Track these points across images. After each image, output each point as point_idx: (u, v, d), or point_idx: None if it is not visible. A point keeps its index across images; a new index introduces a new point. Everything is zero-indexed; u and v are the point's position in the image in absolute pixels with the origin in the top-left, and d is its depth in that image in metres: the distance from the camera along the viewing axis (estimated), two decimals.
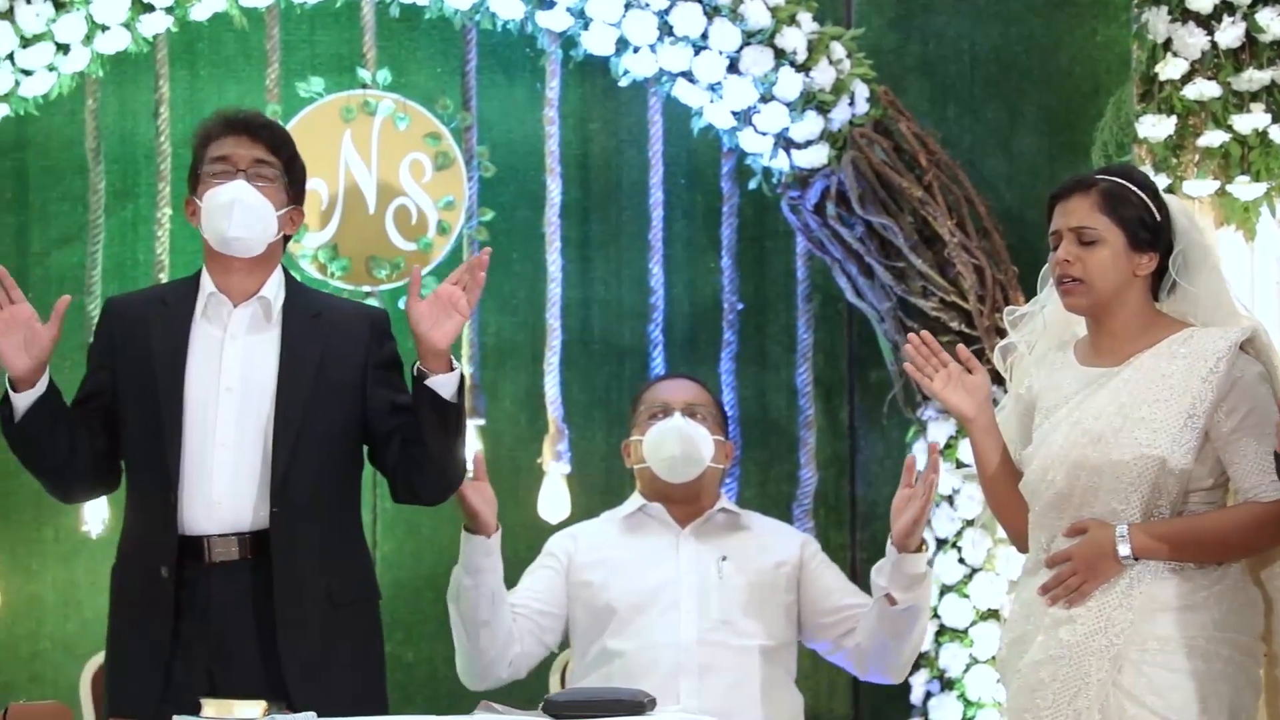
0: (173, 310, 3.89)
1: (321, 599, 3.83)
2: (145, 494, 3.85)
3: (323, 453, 3.85)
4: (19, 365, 3.73)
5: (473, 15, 5.09)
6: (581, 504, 5.09)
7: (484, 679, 4.39)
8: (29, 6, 4.77)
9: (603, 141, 5.44)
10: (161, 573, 3.77)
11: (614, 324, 5.42)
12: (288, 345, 3.87)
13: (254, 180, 3.85)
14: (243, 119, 3.92)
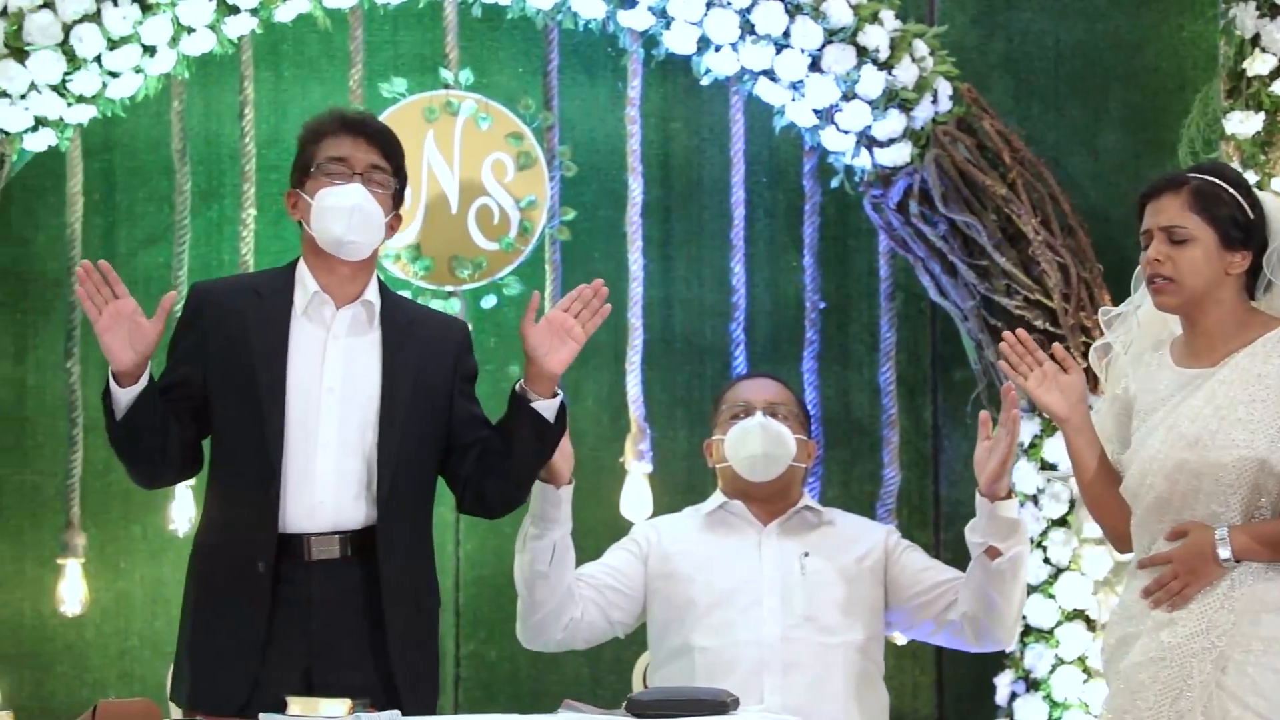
0: (269, 304, 3.90)
1: (411, 601, 3.87)
2: (239, 489, 3.85)
3: (418, 457, 3.90)
4: (124, 359, 3.76)
5: (555, 15, 5.10)
6: (664, 503, 5.08)
7: (538, 635, 4.39)
8: (116, 9, 4.80)
9: (684, 140, 5.44)
10: (258, 568, 3.79)
11: (696, 323, 5.41)
12: (389, 349, 3.90)
13: (369, 185, 3.88)
14: (361, 121, 3.96)
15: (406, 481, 3.85)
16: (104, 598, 5.18)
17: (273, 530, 3.80)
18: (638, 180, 5.23)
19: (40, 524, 5.19)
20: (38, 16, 4.78)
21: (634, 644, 4.64)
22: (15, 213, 5.20)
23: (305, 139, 3.97)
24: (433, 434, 3.92)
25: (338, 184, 3.86)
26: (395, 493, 3.83)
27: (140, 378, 3.79)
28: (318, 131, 3.95)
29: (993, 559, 4.28)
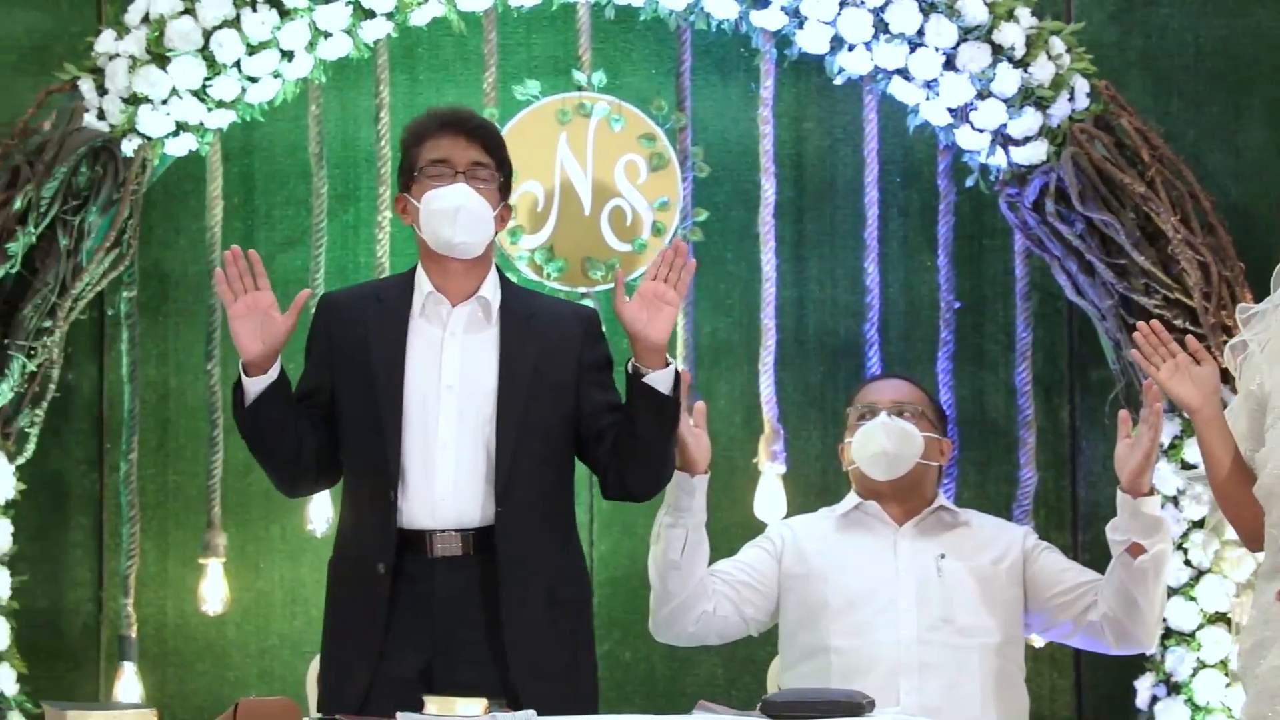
0: (389, 308, 3.95)
1: (543, 598, 3.87)
2: (364, 490, 3.91)
3: (541, 451, 3.90)
4: (252, 349, 3.81)
5: (687, 16, 5.11)
6: (797, 504, 5.07)
7: (669, 627, 4.39)
8: (255, 15, 4.87)
9: (817, 140, 5.40)
10: (378, 569, 3.83)
11: (829, 323, 5.37)
12: (506, 345, 3.92)
13: (472, 182, 3.90)
14: (458, 119, 3.96)
15: (528, 476, 3.87)
16: (244, 597, 5.23)
17: (392, 530, 3.84)
18: (770, 181, 5.21)
19: (182, 524, 5.25)
20: (179, 23, 4.86)
21: (768, 644, 4.63)
22: (157, 217, 5.25)
23: (407, 142, 4.00)
24: (557, 427, 3.92)
25: (442, 185, 3.88)
26: (515, 488, 3.84)
27: (270, 370, 3.84)
28: (418, 134, 3.97)
29: (1135, 556, 4.25)
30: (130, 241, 5.00)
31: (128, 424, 5.14)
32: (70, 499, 5.23)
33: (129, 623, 5.11)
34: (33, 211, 4.86)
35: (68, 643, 5.22)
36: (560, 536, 3.96)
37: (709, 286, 5.33)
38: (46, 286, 4.90)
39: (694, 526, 4.26)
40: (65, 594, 5.21)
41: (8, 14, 5.23)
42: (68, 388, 5.16)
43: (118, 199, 4.94)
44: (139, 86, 4.88)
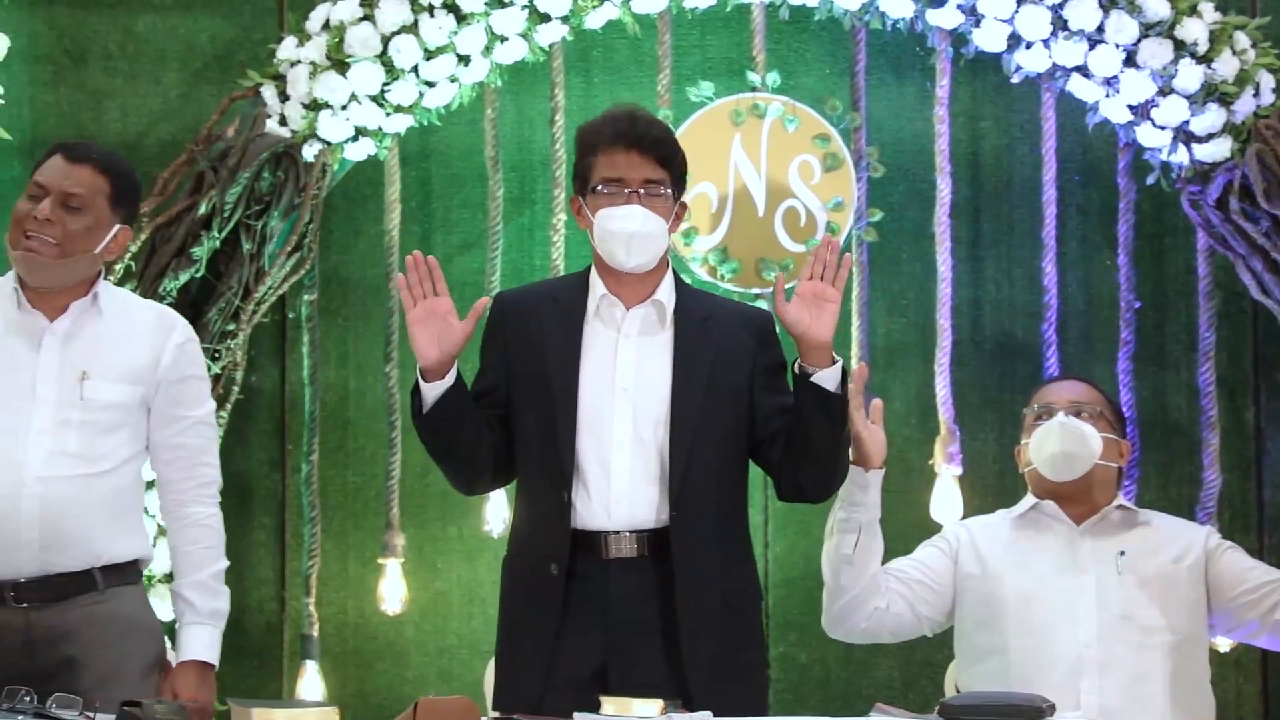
0: (564, 309, 3.95)
1: (717, 601, 3.86)
2: (538, 491, 3.92)
3: (715, 454, 3.89)
4: (429, 355, 3.85)
5: (862, 15, 5.10)
6: (973, 506, 5.04)
7: (841, 622, 4.38)
8: (432, 20, 4.91)
9: (994, 139, 5.38)
10: (551, 570, 3.85)
11: (1006, 324, 5.35)
12: (680, 348, 3.91)
13: (646, 201, 3.89)
14: (633, 133, 3.91)
15: (702, 479, 3.86)
16: (422, 597, 5.27)
17: (566, 531, 3.85)
18: (946, 180, 5.19)
19: (361, 525, 5.31)
20: (358, 29, 4.92)
21: (945, 646, 4.60)
22: (336, 221, 5.31)
23: (581, 148, 3.98)
24: (731, 430, 3.91)
25: (616, 205, 3.88)
26: (689, 491, 3.84)
27: (447, 375, 3.87)
28: (592, 143, 3.94)
29: None
30: (311, 245, 5.07)
31: (309, 426, 5.20)
32: (254, 499, 5.30)
33: (311, 622, 5.18)
34: (217, 217, 4.94)
35: (252, 641, 5.28)
36: (733, 540, 3.95)
37: (884, 287, 5.31)
38: (230, 290, 4.98)
39: (867, 522, 4.25)
40: (249, 593, 5.27)
41: (193, 22, 5.32)
42: (251, 390, 5.23)
43: (299, 204, 5.01)
44: (319, 92, 4.95)
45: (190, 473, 3.98)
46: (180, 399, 3.97)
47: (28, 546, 3.78)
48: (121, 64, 5.29)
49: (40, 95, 5.25)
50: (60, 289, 3.89)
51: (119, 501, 3.90)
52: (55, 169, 3.88)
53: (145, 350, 3.93)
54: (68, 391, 3.84)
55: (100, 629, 3.83)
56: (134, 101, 5.28)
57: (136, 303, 4.06)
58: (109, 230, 3.90)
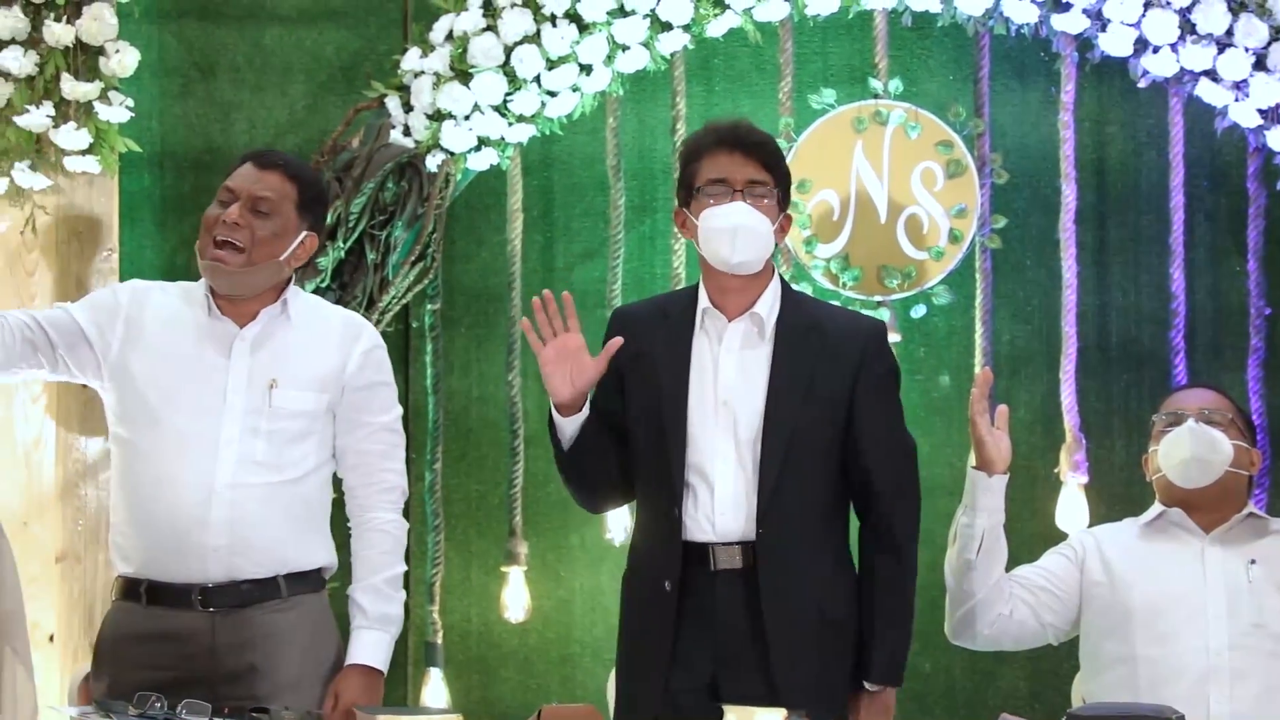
0: (674, 323, 3.98)
1: (813, 613, 3.88)
2: (650, 505, 3.96)
3: (811, 465, 3.90)
4: (562, 394, 3.89)
5: (986, 21, 5.09)
6: (1100, 514, 5.01)
7: (964, 629, 4.34)
8: (554, 30, 4.95)
9: (1120, 144, 5.36)
10: (665, 586, 3.87)
11: (1133, 330, 5.33)
12: (779, 361, 3.93)
13: (750, 200, 3.89)
14: (735, 136, 3.93)
15: (795, 491, 3.87)
16: (545, 605, 5.30)
17: (677, 546, 3.88)
18: (1072, 186, 5.18)
19: (485, 533, 5.34)
20: (481, 40, 4.96)
21: (1071, 656, 4.54)
22: (459, 230, 5.35)
23: (684, 158, 4.00)
24: (830, 441, 3.92)
25: (720, 204, 3.89)
26: (779, 504, 3.85)
27: (581, 408, 3.91)
28: (695, 151, 3.96)
29: None
30: (434, 255, 5.11)
31: (432, 434, 5.24)
32: None
33: (435, 629, 5.22)
34: (342, 227, 5.00)
35: None
36: (829, 551, 3.95)
37: (1008, 294, 5.31)
38: (355, 300, 5.03)
39: (991, 527, 4.21)
40: None
41: (319, 35, 5.37)
42: None
43: (422, 213, 5.06)
44: (443, 103, 4.99)
45: (372, 478, 4.01)
46: (366, 405, 3.99)
47: (215, 553, 3.84)
48: (249, 76, 5.35)
49: (169, 108, 5.30)
50: (249, 296, 3.94)
51: (305, 509, 3.94)
52: (245, 175, 3.94)
53: (332, 357, 3.97)
54: (256, 399, 3.89)
55: (282, 636, 3.88)
56: (261, 113, 5.34)
57: (325, 309, 4.10)
58: (295, 236, 3.94)
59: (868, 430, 3.93)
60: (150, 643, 3.85)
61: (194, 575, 3.85)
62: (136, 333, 3.95)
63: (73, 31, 4.86)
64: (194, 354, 3.93)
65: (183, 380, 3.91)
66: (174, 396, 3.89)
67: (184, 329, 3.96)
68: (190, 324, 3.95)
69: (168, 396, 3.90)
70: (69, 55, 4.88)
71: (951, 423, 5.27)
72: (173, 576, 3.86)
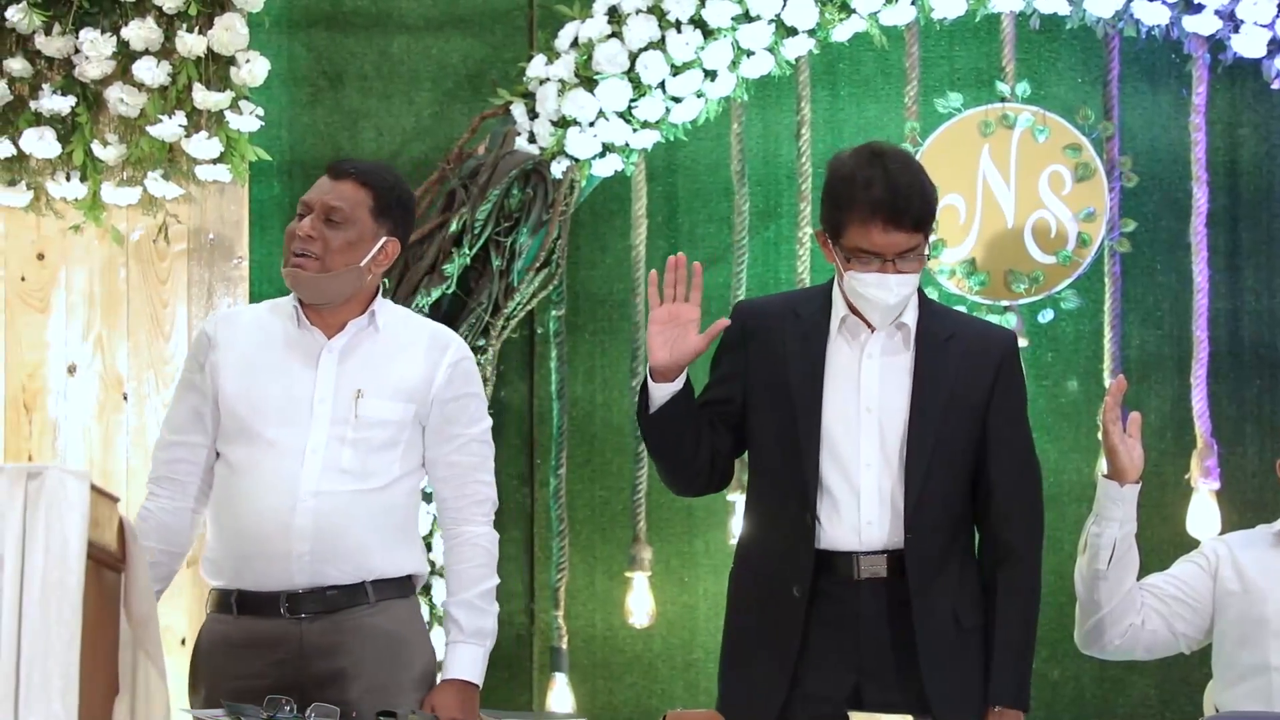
0: (807, 324, 3.93)
1: (950, 621, 3.86)
2: (777, 508, 3.91)
3: (950, 475, 3.88)
4: (660, 357, 3.85)
5: (1116, 23, 5.08)
6: (1232, 521, 4.99)
7: (1095, 640, 4.29)
8: (679, 36, 4.98)
9: (1253, 147, 5.35)
10: (794, 592, 3.84)
11: (1266, 334, 5.32)
12: (921, 369, 3.89)
13: (900, 267, 3.82)
14: (895, 209, 3.78)
15: (938, 499, 3.85)
16: (669, 610, 5.32)
17: (810, 552, 3.85)
18: (1203, 189, 5.16)
19: (609, 538, 5.37)
20: (606, 46, 5.00)
21: (1203, 665, 4.48)
22: (584, 237, 5.38)
23: (835, 195, 3.85)
24: (966, 450, 3.90)
25: (870, 272, 3.82)
26: (926, 510, 3.83)
27: (676, 379, 3.87)
28: (848, 201, 3.80)
29: None
30: (559, 261, 5.15)
31: (556, 440, 5.28)
32: (503, 512, 5.22)
33: (560, 634, 5.25)
34: (467, 234, 5.04)
35: (503, 653, 5.14)
36: (964, 561, 3.94)
37: (1138, 298, 5.29)
38: (480, 306, 5.07)
39: (1122, 537, 4.16)
40: (500, 605, 5.29)
41: (445, 43, 5.41)
42: (500, 404, 5.31)
43: (547, 220, 5.09)
44: (568, 109, 5.03)
45: (463, 490, 3.99)
46: (455, 417, 3.98)
47: (300, 559, 3.85)
48: (377, 84, 5.41)
49: (299, 116, 5.37)
50: (336, 305, 3.94)
51: (391, 517, 3.93)
52: (319, 187, 3.95)
53: (419, 368, 3.96)
54: (343, 409, 3.89)
55: (371, 641, 3.87)
56: (388, 121, 5.40)
57: (414, 321, 4.09)
58: (374, 243, 3.92)
59: (1000, 443, 3.90)
60: (243, 651, 3.85)
61: (281, 583, 3.85)
62: (227, 354, 3.95)
63: (204, 42, 4.93)
64: (282, 365, 3.93)
65: (271, 392, 3.91)
66: (262, 408, 3.90)
67: (272, 342, 3.96)
68: (279, 336, 3.96)
69: (256, 408, 3.90)
70: (201, 65, 4.96)
71: (1080, 428, 5.28)
72: (261, 585, 3.86)
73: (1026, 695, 3.91)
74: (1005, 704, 3.87)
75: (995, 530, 3.91)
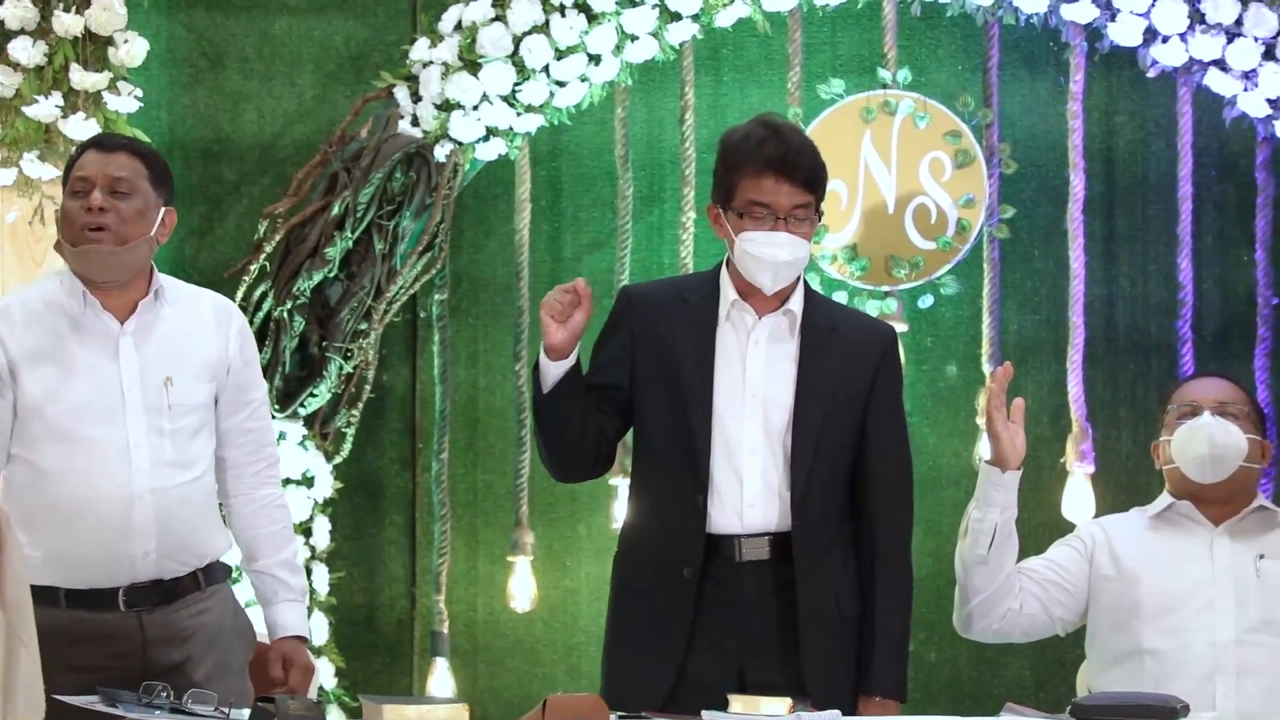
0: (695, 310, 3.97)
1: (833, 608, 3.91)
2: (667, 493, 3.94)
3: (833, 461, 3.93)
4: (555, 336, 3.88)
5: (995, 10, 5.14)
6: (1106, 504, 5.04)
7: (974, 623, 4.33)
8: (563, 20, 4.98)
9: (1129, 134, 5.39)
10: (684, 573, 3.88)
11: (1140, 320, 5.36)
12: (805, 358, 3.94)
13: (793, 226, 3.86)
14: (786, 162, 3.85)
15: (821, 484, 3.90)
16: (551, 595, 5.32)
17: (701, 535, 3.89)
18: (1080, 176, 5.21)
19: (491, 523, 5.36)
20: (490, 30, 5.00)
21: (1077, 646, 4.55)
22: (467, 221, 5.37)
23: (727, 161, 3.93)
24: (848, 438, 3.95)
25: (761, 229, 3.86)
26: (810, 496, 3.89)
27: (570, 355, 3.91)
28: (740, 162, 3.89)
29: None
30: (442, 245, 5.14)
31: (439, 424, 5.27)
32: (385, 497, 5.37)
33: (441, 619, 5.24)
34: (350, 217, 5.02)
35: (383, 638, 5.37)
36: (847, 549, 3.99)
37: (1015, 284, 5.33)
38: (363, 290, 5.06)
39: (1003, 523, 4.21)
40: (380, 590, 5.37)
41: (327, 25, 5.39)
42: (383, 388, 5.31)
43: (430, 203, 5.08)
44: (451, 93, 5.02)
45: (259, 454, 3.99)
46: (246, 384, 3.97)
47: (145, 558, 3.80)
48: (258, 66, 5.38)
49: (178, 98, 5.34)
50: (124, 283, 3.84)
51: (210, 500, 3.94)
52: (92, 161, 3.84)
53: (213, 344, 3.92)
54: (153, 397, 3.83)
55: (206, 628, 3.86)
56: (270, 103, 5.37)
57: (191, 291, 4.01)
58: (157, 212, 3.87)
59: (878, 437, 3.95)
60: (78, 643, 3.78)
61: (120, 580, 3.80)
62: (14, 351, 3.81)
63: (82, 21, 4.88)
64: (81, 358, 3.83)
65: (77, 388, 3.81)
66: (71, 407, 3.79)
67: (61, 333, 3.84)
68: (65, 324, 3.84)
69: (65, 408, 3.79)
70: (78, 45, 4.91)
71: (958, 413, 5.33)
72: (94, 583, 3.80)
73: (904, 686, 3.96)
74: (885, 694, 3.92)
75: (873, 521, 3.96)
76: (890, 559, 3.97)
